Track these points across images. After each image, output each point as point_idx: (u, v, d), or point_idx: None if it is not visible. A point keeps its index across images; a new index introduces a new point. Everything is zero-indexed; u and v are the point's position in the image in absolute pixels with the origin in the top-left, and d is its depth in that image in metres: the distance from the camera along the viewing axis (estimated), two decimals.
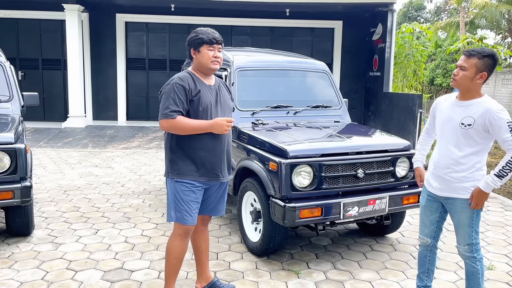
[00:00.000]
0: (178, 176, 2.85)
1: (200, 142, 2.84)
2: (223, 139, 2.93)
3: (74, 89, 10.92)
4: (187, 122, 2.79)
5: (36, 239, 4.16)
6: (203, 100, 2.85)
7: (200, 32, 2.87)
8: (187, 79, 2.84)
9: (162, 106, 2.79)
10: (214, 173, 2.90)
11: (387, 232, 4.39)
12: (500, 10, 19.76)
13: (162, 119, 2.78)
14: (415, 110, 8.68)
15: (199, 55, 2.86)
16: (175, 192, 2.87)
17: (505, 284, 3.50)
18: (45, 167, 7.20)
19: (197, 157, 2.85)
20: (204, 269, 3.21)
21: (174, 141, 2.88)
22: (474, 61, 2.63)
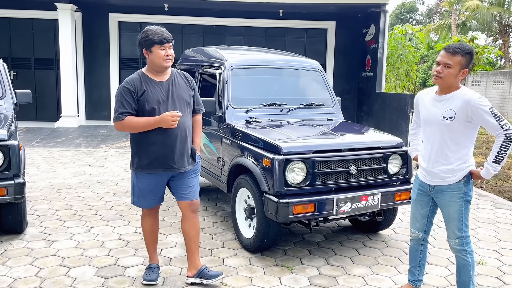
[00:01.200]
0: (137, 170, 3.16)
1: (150, 137, 3.07)
2: (173, 132, 3.08)
3: (67, 89, 10.88)
4: (136, 121, 3.02)
5: (29, 237, 4.15)
6: (149, 100, 3.04)
7: (150, 33, 3.01)
8: (133, 81, 3.06)
9: (114, 110, 3.06)
10: (168, 165, 3.11)
11: (379, 229, 4.43)
12: (491, 12, 20.00)
13: (114, 121, 3.06)
14: (407, 110, 8.74)
15: (152, 55, 3.03)
16: (134, 180, 3.22)
17: (495, 279, 3.55)
18: (37, 166, 7.17)
19: (150, 152, 3.09)
20: (194, 257, 3.32)
21: (132, 139, 3.17)
22: (459, 58, 2.68)
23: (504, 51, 21.28)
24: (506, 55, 21.85)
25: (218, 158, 4.55)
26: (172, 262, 3.69)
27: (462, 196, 2.78)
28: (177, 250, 3.92)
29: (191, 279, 3.30)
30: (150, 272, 3.32)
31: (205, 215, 4.93)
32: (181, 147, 3.13)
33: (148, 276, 3.30)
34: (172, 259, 3.74)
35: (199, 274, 3.28)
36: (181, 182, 3.23)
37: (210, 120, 4.68)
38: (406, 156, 3.99)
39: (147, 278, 3.29)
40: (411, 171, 4.05)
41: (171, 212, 5.00)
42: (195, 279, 3.29)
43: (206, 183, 6.25)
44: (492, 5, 20.71)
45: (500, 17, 21.08)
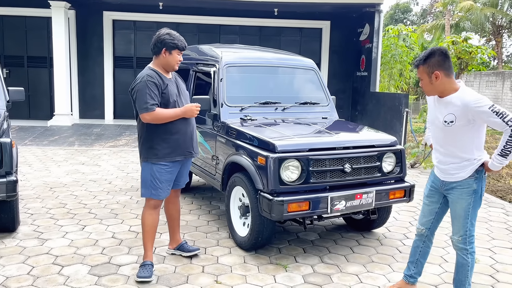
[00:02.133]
0: (157, 159, 3.30)
1: (174, 127, 3.32)
2: (191, 122, 3.46)
3: (60, 87, 10.81)
4: (166, 111, 3.26)
5: (22, 235, 4.11)
6: (172, 93, 3.33)
7: (175, 37, 3.32)
8: (155, 76, 3.27)
9: (140, 102, 3.20)
10: (188, 151, 3.43)
11: (373, 227, 4.44)
12: (484, 13, 20.13)
13: (144, 112, 3.20)
14: (402, 109, 8.78)
15: (170, 56, 3.32)
16: (151, 173, 3.32)
17: (488, 277, 3.57)
18: (30, 164, 7.12)
19: (173, 140, 3.32)
20: (175, 234, 3.77)
21: (150, 130, 3.30)
22: (420, 68, 2.75)
23: (497, 51, 21.43)
24: (499, 55, 22.01)
25: (212, 157, 4.54)
26: (167, 260, 3.67)
27: (471, 193, 2.77)
28: None
29: (172, 251, 3.76)
30: (144, 269, 3.33)
31: (199, 213, 4.91)
32: (195, 134, 3.52)
33: (142, 273, 3.30)
34: (167, 257, 3.73)
35: (179, 248, 3.73)
36: (182, 170, 3.53)
37: (205, 119, 4.67)
38: (400, 154, 4.00)
39: (141, 275, 3.29)
40: (405, 169, 4.06)
41: None
42: (175, 251, 3.74)
43: (201, 182, 6.24)
44: (486, 6, 20.84)
45: (493, 18, 21.22)
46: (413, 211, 5.25)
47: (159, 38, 3.29)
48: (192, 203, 5.31)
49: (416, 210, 5.29)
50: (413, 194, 4.04)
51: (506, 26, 21.61)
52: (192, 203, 5.31)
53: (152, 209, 3.40)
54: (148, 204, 3.40)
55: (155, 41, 3.31)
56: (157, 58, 3.35)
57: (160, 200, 3.39)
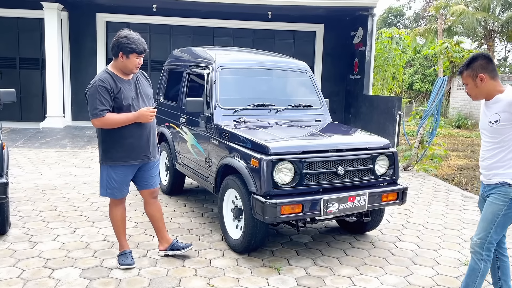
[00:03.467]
0: (112, 163, 3.35)
1: (128, 131, 3.31)
2: (148, 126, 3.41)
3: (53, 89, 10.74)
4: (116, 117, 3.24)
5: (12, 238, 4.07)
6: (125, 96, 3.29)
7: (132, 41, 3.26)
8: (107, 80, 3.25)
9: (90, 107, 3.21)
10: (144, 155, 3.43)
11: (366, 230, 4.45)
12: (476, 17, 20.29)
13: (94, 118, 3.21)
14: (395, 112, 8.82)
15: (127, 60, 3.28)
16: (107, 173, 3.39)
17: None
18: (21, 167, 7.05)
19: (127, 144, 3.32)
20: (163, 234, 3.73)
21: (105, 133, 3.33)
22: (464, 74, 2.81)
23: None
24: None
25: (205, 159, 4.52)
26: (159, 263, 3.65)
27: (506, 200, 2.72)
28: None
29: (164, 252, 3.72)
30: (126, 257, 3.47)
31: (192, 216, 4.89)
32: (153, 138, 3.50)
33: (125, 261, 3.45)
34: (159, 260, 3.70)
35: (171, 247, 3.69)
36: (147, 172, 3.53)
37: (198, 121, 4.65)
38: (393, 157, 4.01)
39: (124, 262, 3.44)
40: (398, 172, 4.08)
41: None
42: (168, 251, 3.70)
43: (194, 184, 6.22)
44: (478, 10, 21.02)
45: (485, 22, 21.40)
46: (405, 213, 5.27)
47: (117, 41, 3.25)
48: (185, 205, 5.28)
49: (409, 212, 5.31)
50: (405, 197, 4.04)
51: (497, 30, 21.80)
52: (185, 205, 5.28)
53: (114, 206, 3.52)
54: (111, 202, 3.54)
55: (113, 43, 3.28)
56: (116, 61, 3.32)
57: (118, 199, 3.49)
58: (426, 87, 25.78)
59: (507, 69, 27.75)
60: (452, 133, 14.61)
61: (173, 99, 5.52)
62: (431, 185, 6.86)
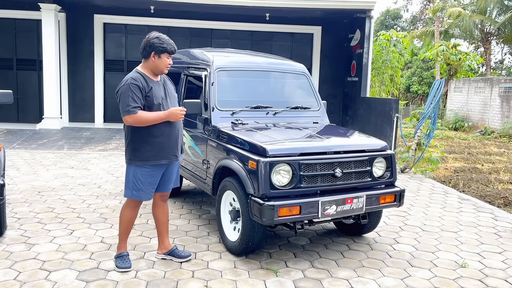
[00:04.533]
0: (141, 162, 3.35)
1: (158, 130, 3.34)
2: (177, 125, 3.46)
3: (50, 90, 10.72)
4: (148, 115, 3.28)
5: (8, 240, 4.05)
6: (156, 96, 3.34)
7: (164, 41, 3.33)
8: (139, 79, 3.29)
9: (123, 104, 3.24)
10: (173, 155, 3.45)
11: (364, 232, 4.45)
12: (473, 20, 20.37)
13: (126, 115, 3.24)
14: (392, 114, 8.84)
15: (159, 60, 3.34)
16: (134, 174, 3.38)
17: (477, 281, 3.58)
18: (18, 168, 7.03)
19: (157, 143, 3.34)
20: (164, 239, 3.73)
21: (134, 132, 3.34)
22: None
23: (486, 58, 21.70)
24: (487, 62, 22.29)
25: (203, 161, 4.52)
26: (156, 265, 3.63)
27: None
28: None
29: (161, 256, 3.72)
30: (123, 260, 3.49)
31: (189, 218, 4.88)
32: (180, 138, 3.53)
33: (123, 264, 3.45)
34: (156, 262, 3.69)
35: (170, 253, 3.70)
36: (169, 174, 3.54)
37: (196, 122, 4.65)
38: (391, 159, 4.02)
39: (122, 265, 3.44)
40: (396, 174, 4.08)
41: None
42: (165, 256, 3.70)
43: (191, 186, 6.21)
44: (474, 13, 21.12)
45: (481, 25, 21.49)
46: (403, 215, 5.27)
47: (148, 42, 3.31)
48: (183, 207, 5.27)
49: (406, 214, 5.32)
50: (403, 199, 4.05)
51: (494, 33, 21.90)
52: (182, 207, 5.27)
53: (131, 208, 3.50)
54: (129, 203, 3.49)
55: (144, 44, 3.33)
56: (146, 62, 3.37)
57: (140, 201, 3.48)
58: (423, 90, 25.86)
59: (503, 72, 27.87)
60: (449, 135, 14.65)
61: None
62: (428, 187, 6.87)
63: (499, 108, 16.04)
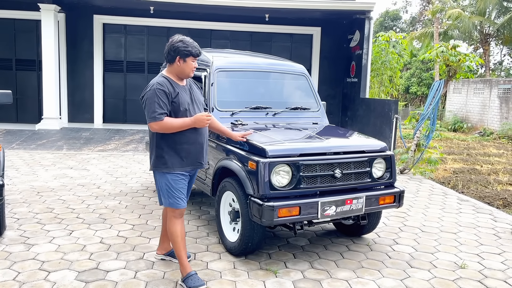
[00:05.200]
0: (167, 169, 3.23)
1: (184, 137, 3.22)
2: (203, 131, 3.34)
3: (49, 91, 10.70)
4: (174, 121, 3.16)
5: (8, 240, 4.04)
6: (182, 101, 3.22)
7: (188, 44, 3.22)
8: (165, 84, 3.18)
9: (149, 110, 3.12)
10: (198, 162, 3.34)
11: (363, 233, 4.45)
12: (472, 21, 20.41)
13: (152, 121, 3.12)
14: (391, 115, 8.85)
15: (184, 64, 3.22)
16: (166, 182, 3.26)
17: (477, 282, 3.58)
18: (17, 168, 7.02)
19: (182, 150, 3.23)
20: (166, 240, 3.70)
21: (160, 139, 3.23)
22: None
23: (485, 59, 21.73)
24: (486, 63, 22.33)
25: None
26: (155, 266, 3.63)
27: None
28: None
29: (161, 256, 3.72)
30: (194, 279, 3.24)
31: (189, 218, 4.88)
32: (206, 145, 3.42)
33: (196, 283, 3.23)
34: (155, 262, 3.69)
35: (169, 254, 3.69)
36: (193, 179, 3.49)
37: None
38: (390, 160, 4.02)
39: (196, 284, 3.21)
40: (395, 175, 4.08)
41: (155, 215, 4.93)
42: (165, 257, 3.71)
43: None
44: (474, 14, 21.16)
45: (481, 26, 21.54)
46: (402, 216, 5.27)
47: (173, 46, 3.19)
48: None
49: (406, 215, 5.32)
50: (402, 200, 4.05)
51: (493, 34, 21.94)
52: None
53: (176, 219, 3.32)
54: (171, 215, 3.33)
55: (169, 49, 3.21)
56: (171, 66, 3.25)
57: (180, 209, 3.29)
58: (423, 91, 25.90)
59: (502, 73, 27.91)
60: (448, 136, 14.66)
61: None
62: (428, 188, 6.88)
63: (498, 109, 16.06)
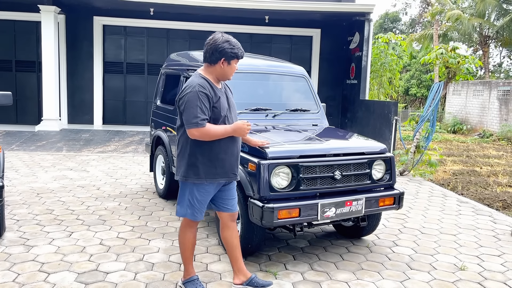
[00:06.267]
0: (198, 180, 2.98)
1: (219, 145, 2.97)
2: (238, 140, 3.10)
3: (49, 92, 10.71)
4: (215, 129, 2.90)
5: (7, 242, 4.04)
6: (223, 107, 2.97)
7: (235, 45, 2.96)
8: (207, 86, 2.90)
9: (189, 115, 2.84)
10: (232, 173, 3.08)
11: (363, 234, 4.45)
12: (472, 23, 20.46)
13: (193, 128, 2.84)
14: (391, 117, 8.86)
15: (228, 67, 2.98)
16: (190, 192, 3.03)
17: (476, 284, 3.58)
18: (17, 170, 7.02)
19: (218, 160, 2.98)
20: (240, 265, 3.26)
21: (194, 146, 2.96)
22: None
23: (484, 61, 21.77)
24: (485, 65, 22.36)
25: None
26: (155, 267, 3.63)
27: None
28: (160, 256, 3.86)
29: (239, 287, 3.24)
30: (194, 285, 3.19)
31: None
32: (239, 155, 3.18)
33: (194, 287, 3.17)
34: (155, 264, 3.69)
35: (249, 283, 3.22)
36: (228, 192, 3.18)
37: None
38: (390, 162, 4.02)
39: None
40: (395, 177, 4.08)
41: (154, 217, 4.93)
42: (245, 287, 3.23)
43: None
44: (473, 16, 21.21)
45: (480, 28, 21.59)
46: (402, 218, 5.27)
47: (218, 46, 2.92)
48: None
49: (405, 217, 5.32)
50: (402, 202, 4.05)
51: (493, 36, 21.98)
52: None
53: (188, 229, 3.17)
54: (185, 224, 3.17)
55: (213, 49, 2.94)
56: (212, 67, 2.98)
57: (195, 221, 3.14)
58: (422, 92, 25.92)
59: (502, 75, 27.95)
60: (448, 138, 14.67)
61: (170, 103, 5.51)
62: (427, 190, 6.88)
63: (498, 111, 16.08)
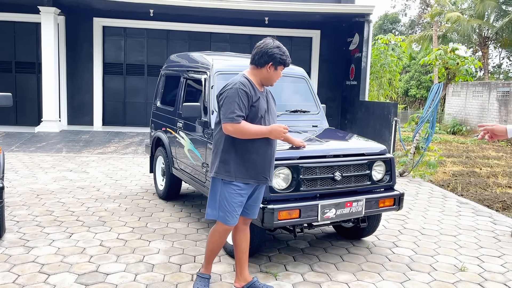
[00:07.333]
0: (228, 177, 2.97)
1: (254, 146, 2.97)
2: (274, 144, 3.09)
3: (49, 93, 10.71)
4: (250, 127, 2.92)
5: (7, 243, 4.04)
6: (261, 107, 2.99)
7: (284, 52, 3.00)
8: (248, 85, 2.95)
9: (226, 110, 2.89)
10: (263, 176, 3.03)
11: (363, 235, 4.45)
12: (471, 24, 20.49)
13: (228, 122, 2.88)
14: (391, 118, 8.86)
15: (274, 72, 3.02)
16: (221, 192, 3.00)
17: (477, 285, 3.58)
18: (16, 171, 7.01)
19: (250, 160, 2.97)
20: (244, 269, 3.27)
21: (228, 143, 2.98)
22: None
23: (483, 62, 21.79)
24: (485, 66, 22.39)
25: (202, 164, 4.52)
26: (155, 268, 3.63)
27: None
28: (160, 257, 3.86)
29: None
30: (202, 282, 3.19)
31: (188, 221, 4.88)
32: (273, 159, 3.13)
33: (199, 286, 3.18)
34: (155, 265, 3.69)
35: (249, 286, 3.23)
36: (257, 196, 3.16)
37: (195, 126, 4.65)
38: (390, 163, 4.03)
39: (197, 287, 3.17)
40: (395, 177, 4.09)
41: (154, 218, 4.93)
42: None
43: (190, 189, 6.20)
44: (472, 17, 21.24)
45: (479, 29, 21.61)
46: (402, 219, 5.27)
47: (269, 50, 2.95)
48: (182, 210, 5.27)
49: (405, 218, 5.32)
50: (402, 203, 4.05)
51: (492, 37, 22.01)
52: (181, 210, 5.27)
53: (218, 235, 3.11)
54: (216, 228, 3.10)
55: (262, 52, 2.97)
56: (258, 70, 3.02)
57: (228, 226, 3.04)
58: (422, 93, 25.94)
59: (501, 76, 27.97)
60: (448, 139, 14.68)
61: (170, 104, 5.51)
62: (427, 191, 6.88)
63: (497, 112, 16.09)
